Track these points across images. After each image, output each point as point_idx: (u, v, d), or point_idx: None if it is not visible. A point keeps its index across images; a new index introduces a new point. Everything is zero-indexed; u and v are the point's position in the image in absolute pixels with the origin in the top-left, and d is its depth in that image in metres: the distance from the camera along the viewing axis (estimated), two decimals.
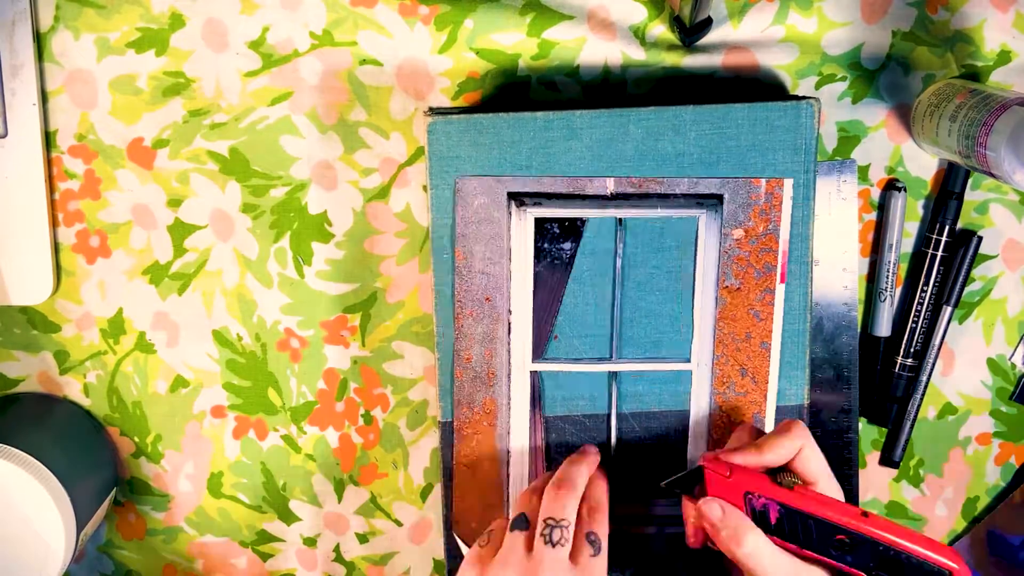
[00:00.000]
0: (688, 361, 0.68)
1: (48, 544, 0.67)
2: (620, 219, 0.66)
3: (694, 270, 0.67)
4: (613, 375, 0.68)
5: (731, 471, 0.60)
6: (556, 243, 0.67)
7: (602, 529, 0.63)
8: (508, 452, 0.69)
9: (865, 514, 0.59)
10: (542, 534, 0.62)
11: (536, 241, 0.67)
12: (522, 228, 0.67)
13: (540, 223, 0.67)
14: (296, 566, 0.77)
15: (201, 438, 0.75)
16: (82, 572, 0.78)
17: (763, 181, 0.65)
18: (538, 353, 0.68)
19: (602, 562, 0.62)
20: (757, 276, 0.66)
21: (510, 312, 0.68)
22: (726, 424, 0.68)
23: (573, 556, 0.62)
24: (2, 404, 0.73)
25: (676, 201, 0.66)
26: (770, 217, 0.65)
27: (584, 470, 0.65)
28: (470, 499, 0.70)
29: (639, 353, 0.68)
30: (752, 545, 0.59)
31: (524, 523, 0.63)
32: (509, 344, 0.68)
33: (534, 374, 0.69)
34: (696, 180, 0.65)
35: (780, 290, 0.66)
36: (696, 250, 0.66)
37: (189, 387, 0.74)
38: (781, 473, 0.60)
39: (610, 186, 0.65)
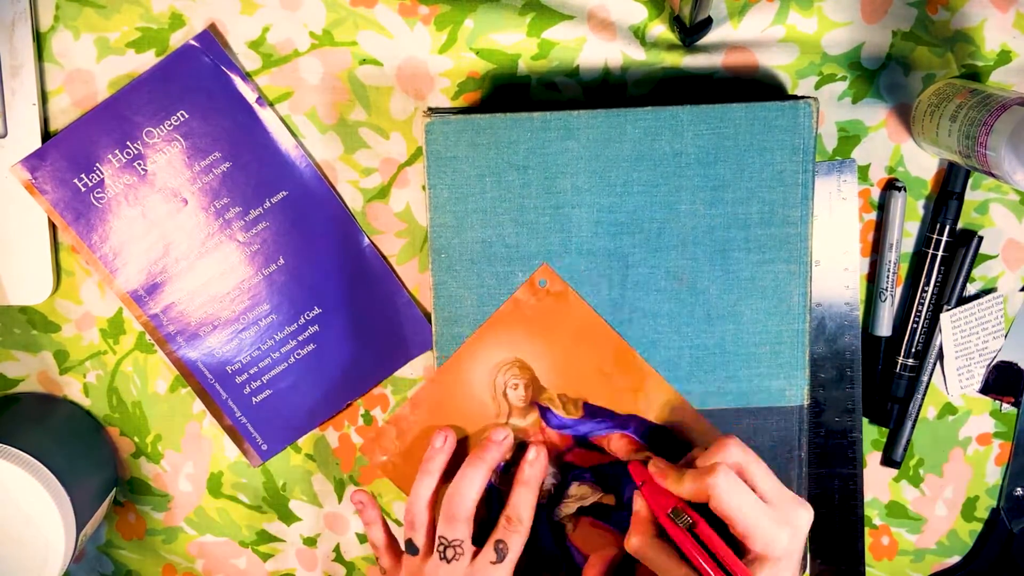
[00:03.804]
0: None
1: (48, 544, 0.68)
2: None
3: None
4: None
5: (645, 481, 0.63)
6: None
7: (513, 540, 0.64)
8: None
9: None
10: (437, 551, 0.64)
11: None
12: None
13: None
14: (296, 566, 0.77)
15: (201, 438, 0.75)
16: (82, 572, 0.78)
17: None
18: None
19: (503, 572, 0.63)
20: None
21: None
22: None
23: (473, 559, 0.64)
24: (2, 404, 0.73)
25: None
26: None
27: (476, 478, 0.65)
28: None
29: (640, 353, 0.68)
30: (630, 544, 0.61)
31: (414, 548, 0.65)
32: None
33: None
34: None
35: None
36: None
37: (188, 387, 0.74)
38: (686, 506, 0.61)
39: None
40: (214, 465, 0.75)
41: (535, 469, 0.67)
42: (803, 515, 0.60)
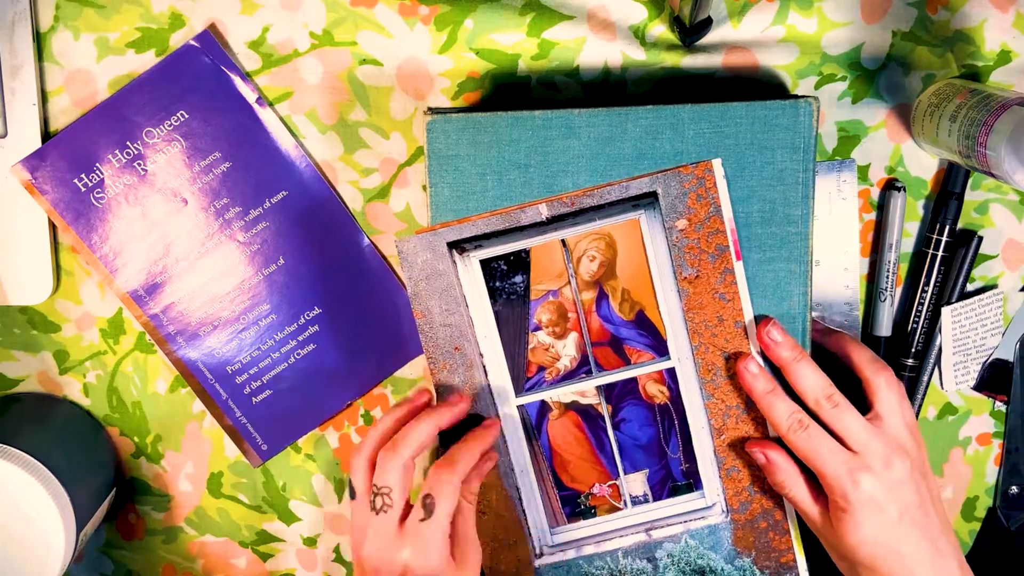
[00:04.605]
0: (668, 358, 0.68)
1: (48, 544, 0.67)
2: (563, 240, 0.66)
3: (648, 270, 0.67)
4: (601, 388, 0.68)
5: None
6: (507, 279, 0.67)
7: (443, 493, 0.61)
8: (518, 489, 0.69)
9: None
10: (371, 501, 0.62)
11: (487, 282, 0.67)
12: (470, 273, 0.67)
13: (486, 264, 0.67)
14: (296, 566, 0.77)
15: (201, 438, 0.75)
16: (82, 572, 0.78)
17: (692, 167, 0.65)
18: (519, 387, 0.68)
19: (433, 527, 0.60)
20: (712, 260, 0.66)
21: (482, 355, 0.68)
22: (723, 411, 0.67)
23: (402, 519, 0.61)
24: (2, 404, 0.73)
25: (612, 209, 0.66)
26: (708, 200, 0.65)
27: (421, 430, 0.63)
28: (488, 535, 0.70)
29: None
30: (795, 491, 0.65)
31: (352, 491, 0.64)
32: (490, 386, 0.68)
33: (521, 407, 0.69)
34: (627, 184, 0.65)
35: (739, 267, 0.66)
36: (645, 250, 0.66)
37: (188, 387, 0.74)
38: None
39: (544, 212, 0.65)
40: (214, 465, 0.75)
41: (487, 436, 0.66)
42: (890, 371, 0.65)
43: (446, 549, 0.61)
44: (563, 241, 0.66)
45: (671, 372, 0.68)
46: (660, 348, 0.68)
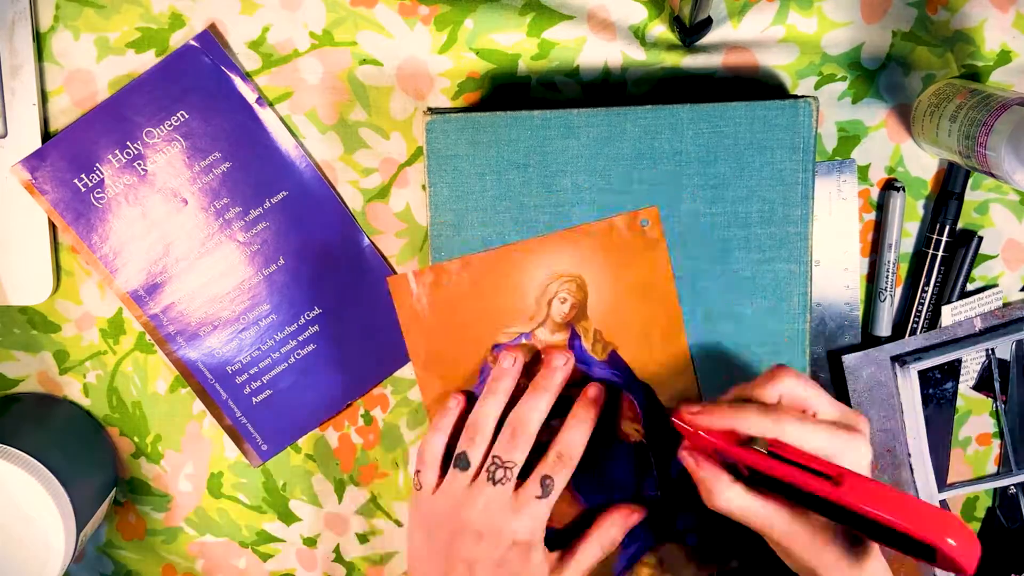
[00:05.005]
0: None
1: (48, 544, 0.67)
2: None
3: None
4: None
5: (694, 428, 0.59)
6: (939, 386, 0.73)
7: (560, 477, 0.63)
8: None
9: (838, 481, 0.54)
10: (487, 469, 0.63)
11: (921, 389, 0.73)
12: (908, 383, 0.72)
13: (922, 374, 0.72)
14: (296, 566, 0.77)
15: (201, 438, 0.75)
16: (82, 572, 0.78)
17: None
18: (942, 482, 0.74)
19: (544, 506, 0.63)
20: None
21: (909, 455, 0.72)
22: None
23: (517, 490, 0.63)
24: (2, 404, 0.73)
25: None
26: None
27: (543, 404, 0.64)
28: None
29: None
30: (724, 498, 0.58)
31: (466, 463, 0.64)
32: (915, 483, 0.72)
33: (943, 502, 0.74)
34: None
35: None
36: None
37: (188, 387, 0.74)
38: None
39: (978, 324, 0.70)
40: (214, 465, 0.75)
41: (592, 409, 0.66)
42: (864, 423, 0.59)
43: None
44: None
45: (641, 400, 0.68)
46: (634, 386, 0.68)
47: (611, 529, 0.66)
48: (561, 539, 0.67)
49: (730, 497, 0.58)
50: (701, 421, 0.59)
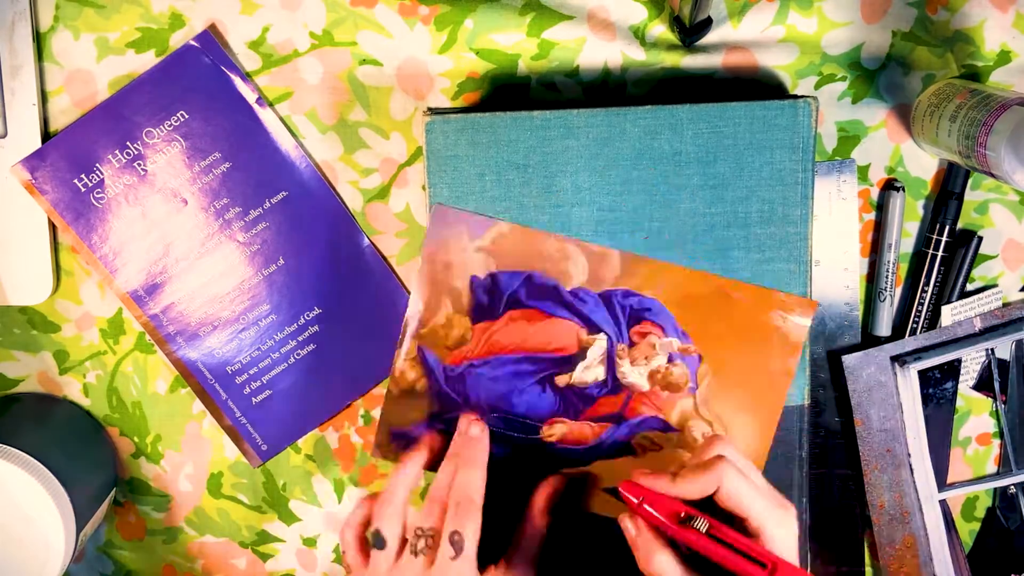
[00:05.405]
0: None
1: (48, 544, 0.67)
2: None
3: None
4: None
5: (643, 497, 0.58)
6: (939, 386, 0.73)
7: (468, 528, 0.60)
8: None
9: (772, 571, 0.54)
10: (412, 544, 0.60)
11: (921, 389, 0.72)
12: (908, 383, 0.72)
13: (922, 374, 0.73)
14: (296, 566, 0.77)
15: (201, 438, 0.75)
16: (82, 572, 0.78)
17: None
18: (941, 482, 0.74)
19: (464, 564, 0.59)
20: None
21: (909, 455, 0.72)
22: None
23: (431, 559, 0.60)
24: (2, 404, 0.73)
25: None
26: None
27: (449, 467, 0.63)
28: None
29: None
30: (656, 563, 0.56)
31: (381, 542, 0.61)
32: (914, 482, 0.72)
33: (942, 502, 0.73)
34: None
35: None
36: None
37: (188, 387, 0.74)
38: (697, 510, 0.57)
39: (977, 324, 0.70)
40: (214, 465, 0.75)
41: (480, 447, 0.64)
42: (792, 510, 0.58)
43: None
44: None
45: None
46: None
47: (538, 517, 0.65)
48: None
49: (662, 562, 0.56)
50: (647, 484, 0.58)
